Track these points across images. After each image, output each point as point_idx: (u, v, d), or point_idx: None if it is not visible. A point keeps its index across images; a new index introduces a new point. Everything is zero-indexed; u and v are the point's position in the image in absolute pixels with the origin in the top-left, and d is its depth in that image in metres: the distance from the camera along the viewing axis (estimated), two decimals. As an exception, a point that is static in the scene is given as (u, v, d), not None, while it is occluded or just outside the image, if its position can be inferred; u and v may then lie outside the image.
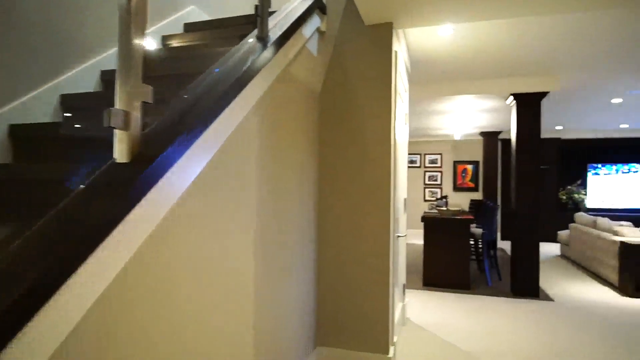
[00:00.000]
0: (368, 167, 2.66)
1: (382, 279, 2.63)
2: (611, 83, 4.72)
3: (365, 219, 2.66)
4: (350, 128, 2.70)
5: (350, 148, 2.70)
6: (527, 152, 4.69)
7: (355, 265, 2.68)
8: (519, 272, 4.73)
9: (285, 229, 2.12)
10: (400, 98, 3.20)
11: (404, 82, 3.34)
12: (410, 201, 10.25)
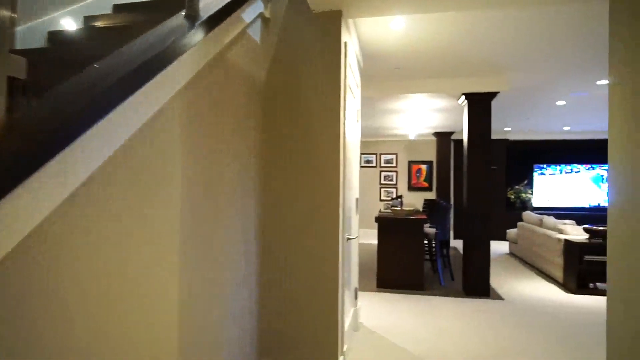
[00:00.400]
0: (316, 164, 2.48)
1: (331, 285, 2.46)
2: (557, 85, 4.85)
3: (313, 220, 2.47)
4: (297, 123, 2.50)
5: (297, 144, 2.50)
6: (478, 151, 4.71)
7: (301, 270, 2.49)
8: (471, 271, 4.75)
9: (220, 231, 1.89)
10: (351, 93, 3.04)
11: (355, 77, 3.20)
12: (366, 201, 10.23)
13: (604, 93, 5.30)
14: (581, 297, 4.71)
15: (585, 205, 9.32)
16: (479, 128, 4.71)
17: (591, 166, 9.37)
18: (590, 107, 6.34)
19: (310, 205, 2.48)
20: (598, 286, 4.77)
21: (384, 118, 6.99)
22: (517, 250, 7.20)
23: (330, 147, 2.46)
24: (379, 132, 9.34)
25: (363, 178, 10.33)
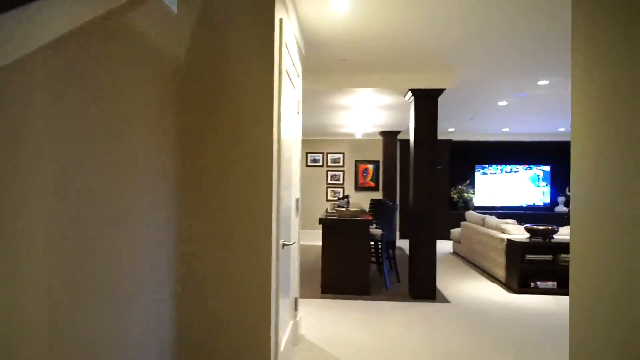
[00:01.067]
0: (245, 161, 2.11)
1: (262, 299, 2.10)
2: (500, 84, 4.82)
3: (242, 224, 2.10)
4: (222, 111, 2.12)
5: (222, 136, 2.12)
6: (425, 148, 4.56)
7: (226, 284, 2.11)
8: (417, 274, 4.59)
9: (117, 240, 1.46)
10: (290, 80, 2.70)
11: (295, 64, 2.86)
12: (312, 201, 9.96)
13: (542, 94, 5.39)
14: (523, 296, 4.71)
15: (523, 204, 9.69)
16: (425, 125, 4.56)
17: (529, 166, 9.76)
18: (528, 109, 6.49)
19: (237, 208, 2.10)
20: (539, 285, 4.81)
21: (330, 114, 6.73)
22: (460, 249, 7.25)
23: (262, 140, 2.11)
24: (326, 131, 9.10)
25: (310, 178, 10.05)
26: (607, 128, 1.26)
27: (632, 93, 1.13)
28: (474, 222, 6.70)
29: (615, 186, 1.18)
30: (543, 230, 4.90)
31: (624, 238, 1.13)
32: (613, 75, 1.23)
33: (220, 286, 2.11)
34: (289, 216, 2.82)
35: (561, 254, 4.83)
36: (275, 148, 2.15)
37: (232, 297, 2.11)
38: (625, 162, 1.13)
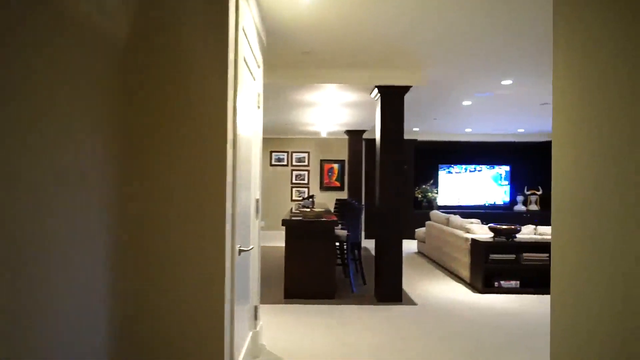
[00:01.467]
0: (194, 158, 1.87)
1: (214, 312, 1.87)
2: (466, 83, 4.79)
3: (190, 230, 1.86)
4: (170, 102, 1.87)
5: (169, 131, 1.87)
6: (391, 147, 4.45)
7: (174, 296, 1.86)
8: (383, 276, 4.47)
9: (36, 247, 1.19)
10: (249, 71, 2.48)
11: (254, 53, 2.64)
12: (277, 201, 9.72)
13: (505, 94, 5.42)
14: (488, 296, 4.70)
15: (484, 203, 9.87)
16: (392, 123, 4.45)
17: (491, 166, 9.96)
18: (490, 109, 6.55)
19: (185, 213, 1.86)
20: (502, 284, 4.81)
21: (294, 111, 6.52)
22: (425, 249, 7.24)
23: (214, 135, 1.87)
24: (291, 129, 8.88)
25: (274, 177, 9.80)
26: (588, 126, 1.19)
27: (616, 91, 1.07)
28: (439, 222, 6.70)
29: (595, 184, 1.13)
30: (506, 229, 4.92)
31: (603, 235, 1.09)
32: (597, 73, 1.15)
33: (167, 299, 1.86)
34: (247, 219, 2.60)
35: (524, 253, 4.86)
36: (229, 144, 1.93)
37: (179, 309, 1.87)
38: (606, 160, 1.08)
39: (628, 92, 1.01)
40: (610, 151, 1.07)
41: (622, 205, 1.02)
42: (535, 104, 5.98)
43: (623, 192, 1.01)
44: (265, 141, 9.82)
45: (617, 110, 1.05)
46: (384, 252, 4.47)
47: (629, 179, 0.99)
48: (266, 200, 9.81)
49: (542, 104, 5.97)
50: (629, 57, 1.02)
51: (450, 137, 9.65)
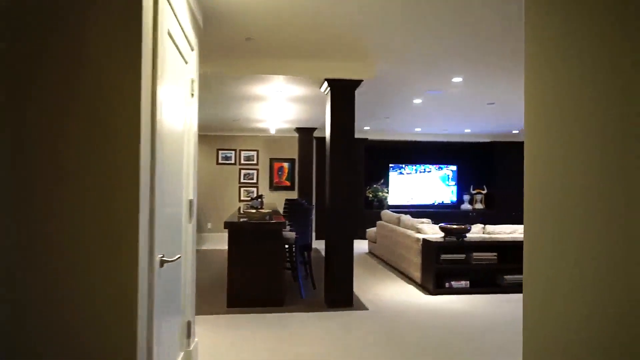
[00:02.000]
0: (97, 156, 1.50)
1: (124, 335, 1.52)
2: (417, 79, 4.68)
3: (92, 242, 1.49)
4: (62, 72, 1.49)
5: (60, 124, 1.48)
6: (342, 143, 4.23)
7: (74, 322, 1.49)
8: (334, 279, 4.24)
9: None
10: (177, 50, 2.13)
11: (185, 31, 2.28)
12: (224, 202, 9.25)
13: (455, 92, 5.40)
14: (439, 298, 4.61)
15: (433, 202, 10.00)
16: (342, 118, 4.22)
17: (440, 166, 10.11)
18: (440, 109, 6.55)
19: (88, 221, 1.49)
20: (453, 285, 4.75)
21: (241, 106, 6.14)
22: (376, 249, 7.13)
23: (121, 125, 1.51)
24: (238, 126, 8.46)
25: (221, 176, 9.32)
26: (561, 121, 1.12)
27: (588, 87, 1.02)
28: (390, 222, 6.60)
29: (566, 182, 1.10)
30: (457, 229, 4.87)
31: (573, 234, 1.07)
32: (569, 68, 1.10)
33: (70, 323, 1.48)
34: (177, 223, 2.24)
35: (473, 253, 4.84)
36: (145, 139, 1.57)
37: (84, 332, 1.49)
38: (578, 159, 1.05)
39: (600, 88, 0.98)
40: (582, 148, 1.04)
41: (593, 204, 0.99)
42: (482, 103, 6.04)
43: (593, 190, 1.00)
44: (212, 138, 9.32)
45: (588, 108, 1.02)
46: (334, 255, 4.24)
47: (602, 177, 0.97)
48: (212, 201, 9.32)
49: (488, 103, 6.04)
50: (602, 53, 0.97)
51: (400, 136, 9.68)
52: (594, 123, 0.99)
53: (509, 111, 6.62)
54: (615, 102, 0.92)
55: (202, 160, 9.25)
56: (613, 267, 0.92)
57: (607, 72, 0.95)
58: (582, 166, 1.03)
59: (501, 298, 4.58)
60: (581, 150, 1.03)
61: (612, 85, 0.93)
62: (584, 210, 1.02)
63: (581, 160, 1.03)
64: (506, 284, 4.81)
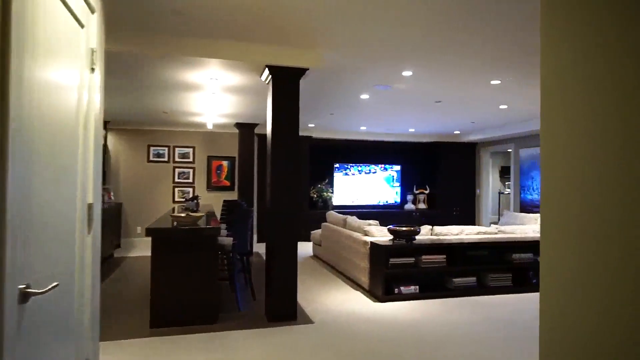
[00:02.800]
0: None
1: None
2: (366, 72, 4.37)
3: None
4: None
5: None
6: (285, 137, 3.80)
7: None
8: (275, 289, 3.79)
9: None
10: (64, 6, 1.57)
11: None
12: (156, 203, 8.43)
13: (403, 89, 5.18)
14: (388, 305, 4.34)
15: (377, 202, 9.87)
16: (285, 111, 3.79)
17: (385, 167, 10.00)
18: (387, 105, 6.34)
19: None
20: (402, 290, 4.50)
21: (172, 96, 5.48)
22: (321, 252, 6.78)
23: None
24: (172, 120, 7.71)
25: (152, 175, 8.49)
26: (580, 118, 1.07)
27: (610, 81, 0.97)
28: (335, 223, 6.27)
29: (585, 181, 1.05)
30: (407, 231, 4.63)
31: (591, 233, 1.03)
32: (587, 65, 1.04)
33: None
34: (64, 236, 1.68)
35: (423, 256, 4.62)
36: None
37: None
38: (598, 157, 1.01)
39: (622, 83, 0.94)
40: (601, 146, 1.00)
41: (612, 203, 0.96)
42: (430, 101, 5.90)
43: (612, 189, 0.96)
44: (141, 133, 8.45)
45: (609, 103, 0.98)
46: (275, 262, 3.79)
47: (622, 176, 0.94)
48: (142, 202, 8.45)
49: (436, 101, 5.91)
50: (625, 46, 0.93)
51: (346, 135, 9.43)
52: (614, 119, 0.95)
53: (454, 110, 6.56)
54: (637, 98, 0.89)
55: (131, 157, 8.37)
56: (634, 269, 0.89)
57: (631, 66, 0.91)
58: (602, 165, 0.99)
59: (451, 303, 4.40)
60: (601, 148, 0.99)
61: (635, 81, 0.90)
62: (603, 210, 0.98)
63: (600, 159, 0.99)
64: (455, 287, 4.66)
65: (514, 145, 8.94)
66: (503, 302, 4.47)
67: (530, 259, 4.90)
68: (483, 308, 4.24)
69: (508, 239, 5.00)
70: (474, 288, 4.72)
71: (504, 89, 5.08)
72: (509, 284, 4.83)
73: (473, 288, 4.71)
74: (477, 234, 5.24)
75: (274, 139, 3.78)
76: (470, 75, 4.47)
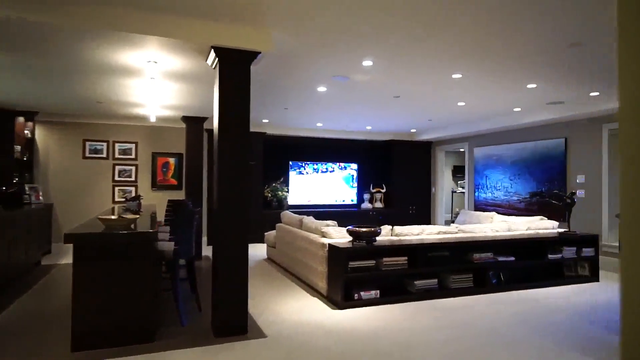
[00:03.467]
0: None
1: None
2: (323, 59, 4.04)
3: None
4: None
5: None
6: (234, 130, 3.38)
7: None
8: (223, 300, 3.36)
9: None
10: None
11: None
12: (93, 204, 7.64)
13: (362, 81, 4.91)
14: (348, 312, 4.03)
15: (335, 201, 9.60)
16: (235, 100, 3.37)
17: (344, 166, 9.74)
18: (344, 99, 6.07)
19: None
20: (362, 296, 4.22)
21: (102, 81, 4.86)
22: (275, 255, 6.38)
23: None
24: (110, 111, 7.00)
25: (89, 173, 7.70)
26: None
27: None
28: (291, 224, 5.91)
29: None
30: (367, 232, 4.35)
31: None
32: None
33: None
34: None
35: (384, 258, 4.37)
36: None
37: None
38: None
39: None
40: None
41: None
42: (388, 96, 5.68)
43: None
44: (75, 126, 7.60)
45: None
46: (223, 269, 3.37)
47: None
48: (77, 203, 7.61)
49: (394, 97, 5.70)
50: None
51: (302, 132, 9.09)
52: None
53: (413, 106, 6.40)
54: None
55: (64, 153, 7.53)
56: None
57: None
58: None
59: (413, 307, 4.18)
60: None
61: None
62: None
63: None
64: (417, 291, 4.45)
65: (468, 144, 9.00)
66: (465, 304, 4.31)
67: (490, 258, 4.80)
68: (445, 312, 4.05)
69: (469, 239, 4.87)
70: (436, 290, 4.53)
71: (464, 85, 4.95)
72: (470, 284, 4.70)
73: (434, 290, 4.52)
74: (437, 233, 5.08)
75: (222, 131, 3.35)
76: (432, 67, 4.26)
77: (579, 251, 5.28)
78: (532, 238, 5.13)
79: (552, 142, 6.98)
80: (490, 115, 7.13)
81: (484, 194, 8.48)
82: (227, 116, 3.36)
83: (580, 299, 4.53)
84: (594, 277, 5.31)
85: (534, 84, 4.94)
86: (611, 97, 5.53)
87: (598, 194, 6.23)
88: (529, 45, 3.58)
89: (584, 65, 4.17)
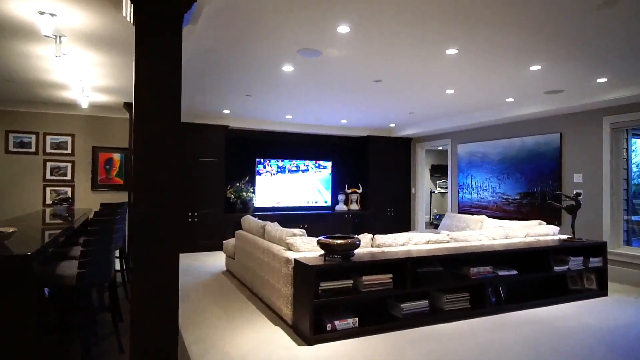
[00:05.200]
0: None
1: None
2: (288, 20, 3.11)
3: None
4: None
5: None
6: (157, 112, 2.40)
7: None
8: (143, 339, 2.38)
9: None
10: None
11: None
12: (20, 206, 6.42)
13: (337, 58, 4.02)
14: (320, 348, 3.11)
15: (307, 202, 8.67)
16: (160, 70, 2.39)
17: (319, 164, 8.81)
18: (315, 83, 5.16)
19: None
20: (337, 326, 3.31)
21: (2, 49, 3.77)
22: (234, 268, 5.40)
23: None
24: (39, 98, 5.82)
25: (14, 170, 6.48)
26: None
27: None
28: (252, 232, 4.94)
29: None
30: (343, 244, 3.43)
31: None
32: None
33: None
34: None
35: (363, 277, 3.48)
36: None
37: None
38: None
39: None
40: None
41: None
42: (368, 80, 4.81)
43: None
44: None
45: None
46: (142, 292, 2.38)
47: None
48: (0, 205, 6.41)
49: (375, 81, 4.84)
50: None
51: (269, 125, 8.13)
52: None
53: (394, 94, 5.55)
54: None
55: (-23, 146, 6.28)
56: None
57: None
58: None
59: (401, 338, 3.31)
60: None
61: None
62: None
63: None
64: (404, 316, 3.58)
65: (450, 140, 8.27)
66: (462, 331, 3.48)
67: (489, 272, 4.00)
68: (440, 343, 3.21)
69: (463, 250, 4.05)
70: (427, 314, 3.68)
71: (459, 65, 4.13)
72: (466, 305, 3.88)
73: (425, 314, 3.67)
74: (427, 243, 4.23)
75: (139, 116, 2.37)
76: (423, 38, 3.41)
77: (586, 261, 4.57)
78: (534, 248, 4.36)
79: (545, 138, 6.30)
80: (479, 107, 6.38)
81: (469, 195, 7.76)
82: (146, 94, 2.38)
83: (592, 319, 3.80)
84: (603, 291, 4.61)
85: (538, 66, 4.17)
86: (618, 85, 4.86)
87: (598, 195, 5.57)
88: (552, 8, 2.77)
89: (613, 33, 3.41)
